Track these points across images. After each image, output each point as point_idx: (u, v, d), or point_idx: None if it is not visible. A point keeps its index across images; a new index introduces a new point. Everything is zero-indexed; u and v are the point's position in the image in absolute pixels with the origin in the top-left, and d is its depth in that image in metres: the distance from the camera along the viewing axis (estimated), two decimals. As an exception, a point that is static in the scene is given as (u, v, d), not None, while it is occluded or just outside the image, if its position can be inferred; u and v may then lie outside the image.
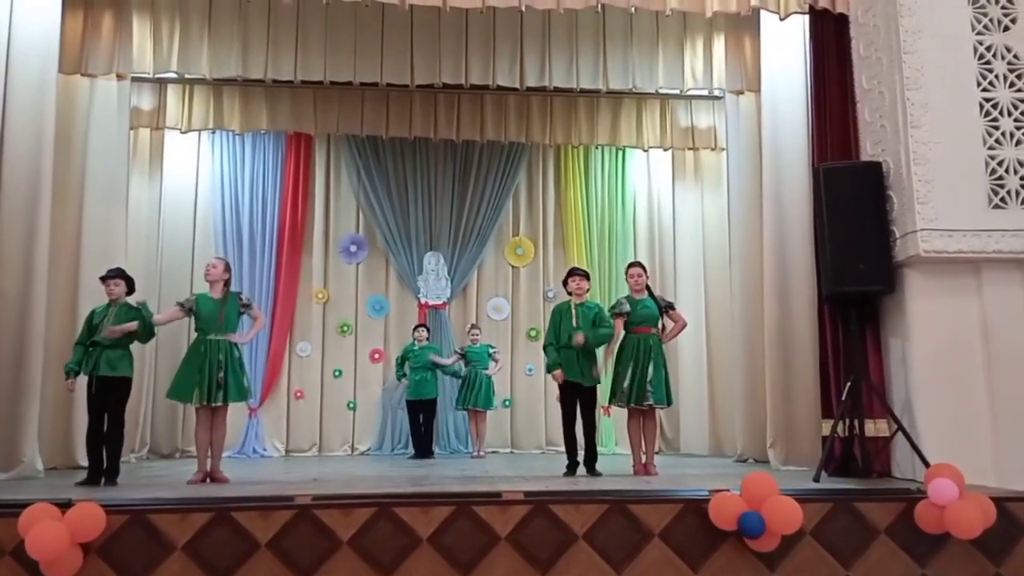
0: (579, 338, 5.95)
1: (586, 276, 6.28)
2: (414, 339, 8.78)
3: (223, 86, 8.47)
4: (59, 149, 6.57)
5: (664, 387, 6.04)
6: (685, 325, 6.40)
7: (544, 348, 6.33)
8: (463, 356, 8.59)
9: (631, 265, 6.41)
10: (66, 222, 6.96)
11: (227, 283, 5.88)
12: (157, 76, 7.66)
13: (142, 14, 7.27)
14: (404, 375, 8.65)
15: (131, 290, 5.73)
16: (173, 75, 7.66)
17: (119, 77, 7.30)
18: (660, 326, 6.20)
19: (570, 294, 6.23)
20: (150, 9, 7.27)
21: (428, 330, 8.97)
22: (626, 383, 6.01)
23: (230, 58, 7.30)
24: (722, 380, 8.80)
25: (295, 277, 9.53)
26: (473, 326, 8.97)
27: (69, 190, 7.00)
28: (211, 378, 5.55)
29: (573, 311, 6.12)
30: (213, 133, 9.31)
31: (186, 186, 9.40)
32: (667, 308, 6.25)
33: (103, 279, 5.65)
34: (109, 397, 5.41)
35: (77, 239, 7.07)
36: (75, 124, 7.11)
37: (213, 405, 5.60)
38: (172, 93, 8.60)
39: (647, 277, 6.30)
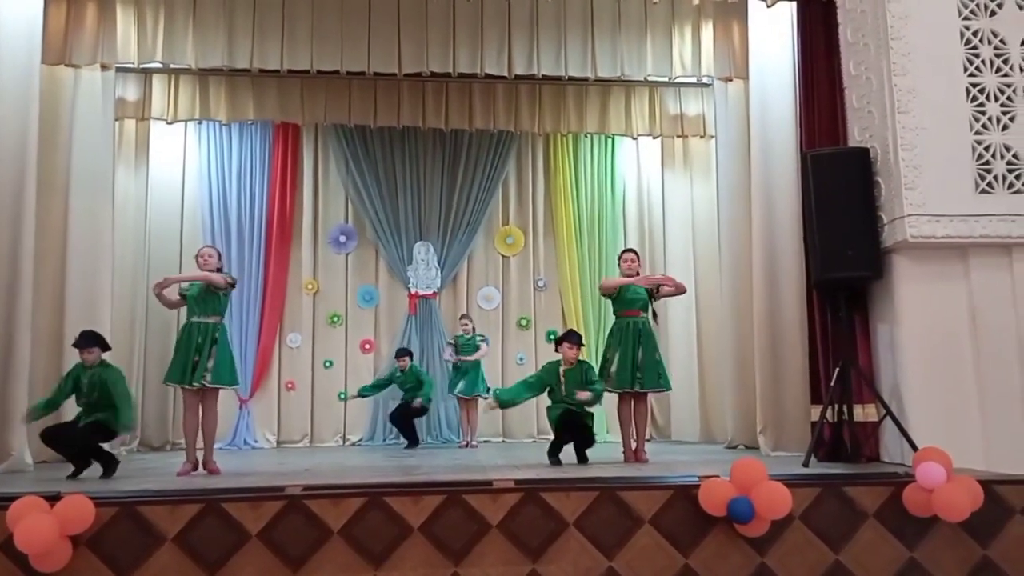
0: (583, 395, 5.91)
1: (580, 344, 6.16)
2: (398, 366, 8.67)
3: (209, 76, 8.40)
4: (43, 141, 6.51)
5: (656, 371, 6.05)
6: (683, 290, 6.40)
7: (523, 383, 6.22)
8: (455, 346, 8.58)
9: (626, 251, 6.48)
10: (52, 215, 6.89)
11: (219, 270, 5.89)
12: (142, 66, 7.59)
13: (126, 3, 7.18)
14: (368, 395, 8.72)
15: (105, 349, 5.67)
16: (158, 65, 7.60)
17: (103, 67, 7.21)
18: (651, 312, 6.22)
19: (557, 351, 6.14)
20: (134, -2, 7.21)
21: (411, 355, 8.82)
22: (614, 368, 6.01)
23: (216, 47, 7.22)
24: (712, 367, 8.83)
25: (284, 268, 9.48)
26: (464, 316, 8.95)
27: (54, 182, 6.93)
28: (190, 360, 5.55)
29: (562, 378, 6.01)
30: (199, 123, 9.25)
31: (173, 177, 9.36)
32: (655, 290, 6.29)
33: (77, 347, 5.53)
34: (97, 434, 5.45)
35: (63, 232, 7.00)
36: (59, 115, 7.03)
37: (196, 387, 5.59)
38: (157, 83, 8.55)
39: (639, 264, 6.35)
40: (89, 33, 7.07)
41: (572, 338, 6.15)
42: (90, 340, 5.56)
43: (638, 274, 6.29)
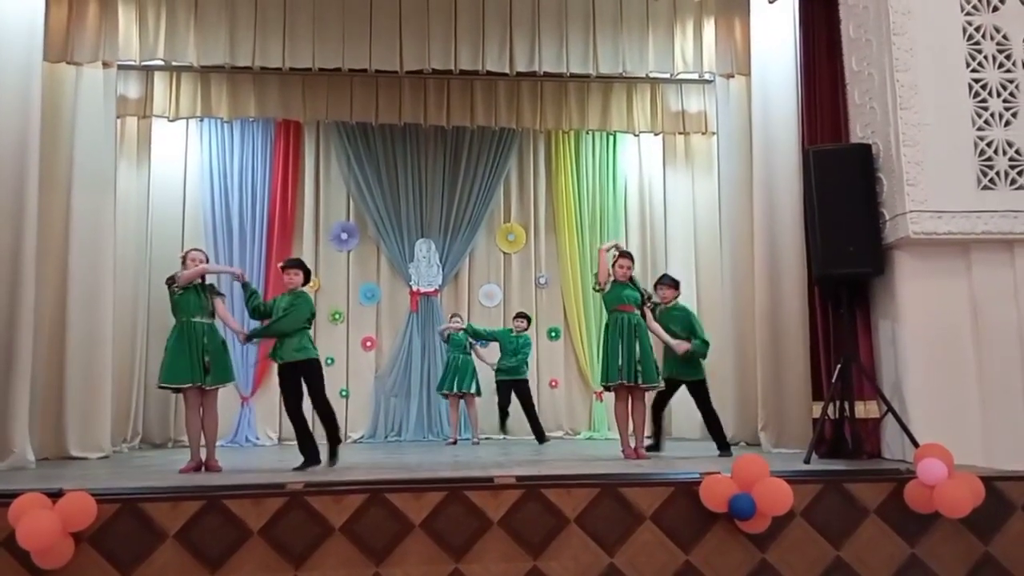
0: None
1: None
2: (515, 327, 8.63)
3: (210, 73, 8.42)
4: (45, 138, 6.52)
5: (653, 368, 6.05)
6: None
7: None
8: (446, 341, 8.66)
9: (622, 255, 6.42)
10: (54, 212, 6.91)
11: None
12: (144, 64, 7.60)
13: (127, 1, 7.19)
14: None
15: (307, 280, 5.94)
16: (160, 63, 7.60)
17: (105, 65, 7.23)
18: (641, 312, 6.24)
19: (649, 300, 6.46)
20: (135, -5, 7.20)
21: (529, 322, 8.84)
22: (620, 361, 5.98)
23: (217, 45, 7.24)
24: (713, 363, 8.74)
25: (286, 265, 9.48)
26: (454, 315, 8.96)
27: (56, 180, 6.94)
28: (197, 361, 5.53)
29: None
30: (201, 121, 9.24)
31: (174, 174, 9.35)
32: (648, 299, 6.31)
33: (283, 268, 5.84)
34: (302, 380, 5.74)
35: (65, 229, 7.02)
36: (61, 113, 7.04)
37: (205, 388, 5.60)
38: (159, 81, 8.56)
39: (628, 270, 6.27)
40: (91, 31, 7.08)
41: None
42: (298, 263, 5.90)
43: (631, 279, 6.25)
